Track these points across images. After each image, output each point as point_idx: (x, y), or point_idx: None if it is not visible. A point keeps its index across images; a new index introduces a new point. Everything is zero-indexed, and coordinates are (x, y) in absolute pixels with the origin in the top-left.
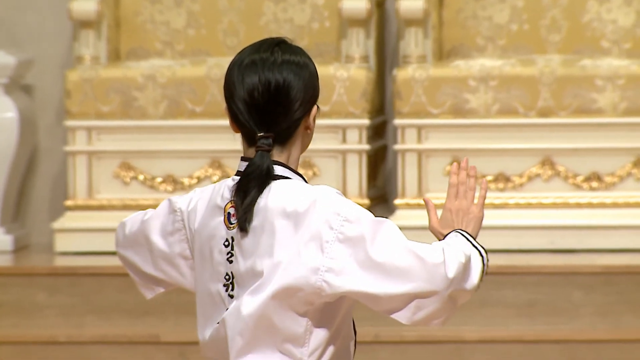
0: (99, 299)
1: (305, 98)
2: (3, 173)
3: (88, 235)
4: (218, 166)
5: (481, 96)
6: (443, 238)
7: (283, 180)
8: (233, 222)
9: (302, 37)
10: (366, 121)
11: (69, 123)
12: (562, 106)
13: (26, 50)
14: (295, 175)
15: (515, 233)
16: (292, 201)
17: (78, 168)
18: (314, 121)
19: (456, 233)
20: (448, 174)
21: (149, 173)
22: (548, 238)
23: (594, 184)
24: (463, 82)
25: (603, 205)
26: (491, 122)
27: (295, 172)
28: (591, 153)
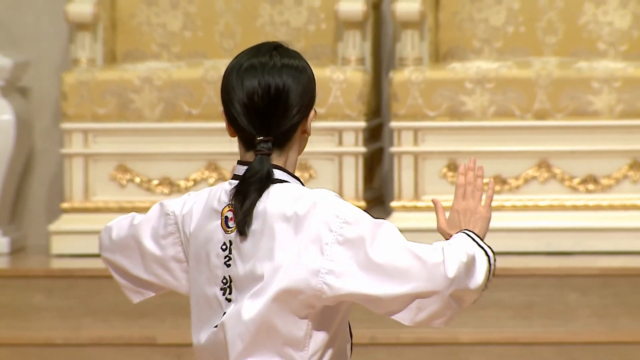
0: (96, 301)
1: (303, 102)
2: None
3: (84, 237)
4: (214, 169)
5: (477, 98)
6: (450, 238)
7: (282, 184)
8: (231, 226)
9: (299, 40)
10: (362, 123)
11: (65, 125)
12: (559, 108)
13: (22, 52)
14: (293, 178)
15: (511, 235)
16: (292, 205)
17: (74, 170)
18: (311, 125)
19: (462, 233)
20: (444, 177)
21: (145, 175)
22: (544, 240)
23: (590, 187)
24: (459, 85)
25: (599, 207)
26: (487, 125)
27: (292, 176)
28: (587, 155)
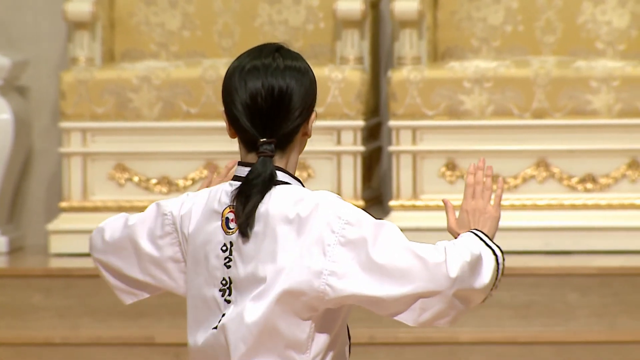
0: (94, 301)
1: (305, 104)
2: None
3: (83, 236)
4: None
5: (476, 98)
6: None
7: (283, 185)
8: (232, 227)
9: (297, 39)
10: (361, 123)
11: (64, 124)
12: (557, 108)
13: (21, 51)
14: (294, 180)
15: (510, 235)
16: (294, 207)
17: (73, 170)
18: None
19: (469, 233)
20: (443, 176)
21: (144, 175)
22: (543, 239)
23: (589, 186)
24: (458, 84)
25: (598, 206)
26: (486, 124)
27: (294, 177)
28: (586, 154)
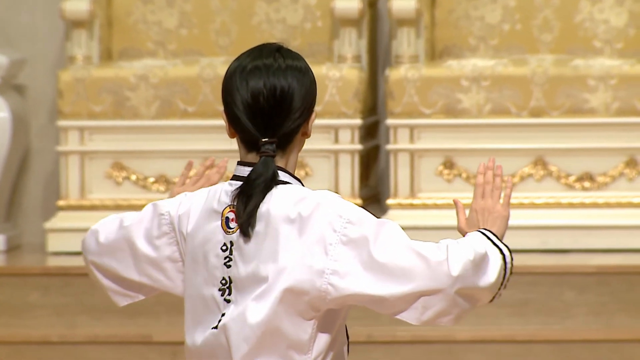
0: (92, 299)
1: (306, 104)
2: None
3: (80, 235)
4: (210, 166)
5: (473, 96)
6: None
7: (284, 185)
8: (232, 227)
9: (295, 37)
10: (358, 121)
11: (62, 123)
12: (555, 106)
13: (19, 50)
14: (294, 179)
15: (507, 233)
16: (296, 206)
17: (70, 168)
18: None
19: (476, 232)
20: (440, 174)
21: (142, 173)
22: (540, 238)
23: (587, 184)
24: (455, 82)
25: (595, 205)
26: (483, 122)
27: (294, 177)
28: (583, 153)
